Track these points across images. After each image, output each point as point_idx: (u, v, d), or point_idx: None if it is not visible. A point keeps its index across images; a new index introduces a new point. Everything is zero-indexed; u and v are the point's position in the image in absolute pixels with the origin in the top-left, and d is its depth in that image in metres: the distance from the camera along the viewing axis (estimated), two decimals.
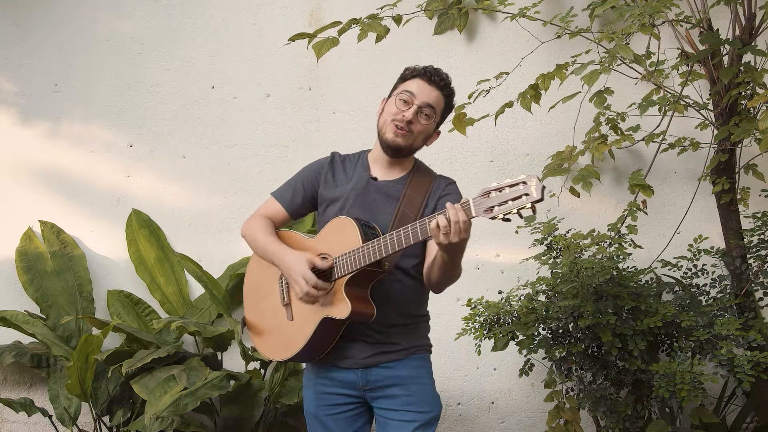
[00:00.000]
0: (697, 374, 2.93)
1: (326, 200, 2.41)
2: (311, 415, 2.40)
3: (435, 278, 2.25)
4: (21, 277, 3.66)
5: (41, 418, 3.51)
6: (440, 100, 2.35)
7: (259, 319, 2.45)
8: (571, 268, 3.12)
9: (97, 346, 3.12)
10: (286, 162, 3.82)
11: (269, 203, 2.48)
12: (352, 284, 2.21)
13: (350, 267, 2.19)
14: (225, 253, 3.77)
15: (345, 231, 2.24)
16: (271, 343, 2.41)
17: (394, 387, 2.32)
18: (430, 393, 2.36)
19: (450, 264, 2.18)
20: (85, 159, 3.82)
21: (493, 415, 3.77)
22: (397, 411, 2.31)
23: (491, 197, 1.96)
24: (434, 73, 2.34)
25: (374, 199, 2.35)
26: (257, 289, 2.47)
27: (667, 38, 3.57)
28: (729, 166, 3.37)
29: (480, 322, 3.26)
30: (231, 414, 3.42)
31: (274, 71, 3.85)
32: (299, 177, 2.48)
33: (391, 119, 2.32)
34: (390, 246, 2.13)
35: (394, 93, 2.36)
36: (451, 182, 2.43)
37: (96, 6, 3.87)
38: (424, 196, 2.35)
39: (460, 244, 2.05)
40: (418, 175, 2.39)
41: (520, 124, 3.82)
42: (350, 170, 2.43)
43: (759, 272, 3.27)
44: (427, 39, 3.81)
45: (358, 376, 2.33)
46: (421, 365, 2.37)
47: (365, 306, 2.23)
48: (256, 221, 2.45)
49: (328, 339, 2.29)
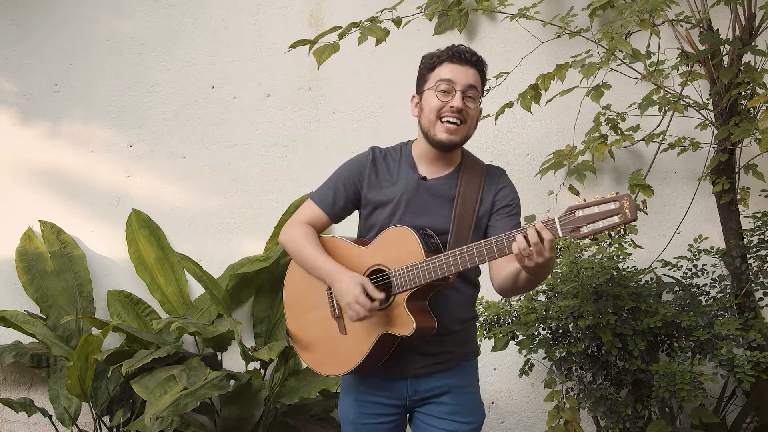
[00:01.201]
0: (697, 374, 2.93)
1: (372, 203, 2.24)
2: (348, 421, 2.28)
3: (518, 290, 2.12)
4: (21, 277, 3.66)
5: (41, 418, 3.51)
6: (477, 77, 2.18)
7: (305, 332, 2.29)
8: (571, 268, 3.12)
9: (97, 346, 3.12)
10: (286, 162, 3.82)
11: (309, 207, 2.30)
12: (414, 298, 2.08)
13: (414, 281, 2.06)
14: (225, 253, 3.77)
15: (404, 242, 2.09)
16: (322, 359, 2.26)
17: (443, 395, 2.22)
18: (476, 402, 2.27)
19: (537, 281, 2.05)
20: (85, 159, 3.82)
21: (493, 415, 3.77)
22: (441, 419, 2.22)
23: (577, 216, 1.84)
24: (462, 51, 2.16)
25: (427, 201, 2.20)
26: (301, 299, 2.32)
27: (667, 38, 3.57)
28: (729, 166, 3.37)
29: (480, 322, 3.26)
30: (231, 414, 3.41)
31: (274, 71, 3.85)
32: (339, 178, 2.28)
33: (437, 116, 2.14)
34: (461, 262, 2.00)
35: (428, 86, 2.18)
36: (502, 173, 2.29)
37: (96, 6, 3.87)
38: (478, 191, 2.20)
39: (546, 264, 1.90)
40: (468, 169, 2.23)
41: (520, 124, 3.82)
42: (395, 169, 2.25)
43: (759, 272, 3.27)
44: (427, 39, 3.81)
45: (407, 386, 2.22)
46: (471, 372, 2.29)
47: (428, 320, 2.10)
48: (296, 229, 2.27)
49: (384, 353, 2.17)
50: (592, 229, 1.82)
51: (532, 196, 3.76)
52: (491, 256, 1.96)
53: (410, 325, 2.06)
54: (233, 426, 3.40)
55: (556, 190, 3.71)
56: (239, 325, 3.18)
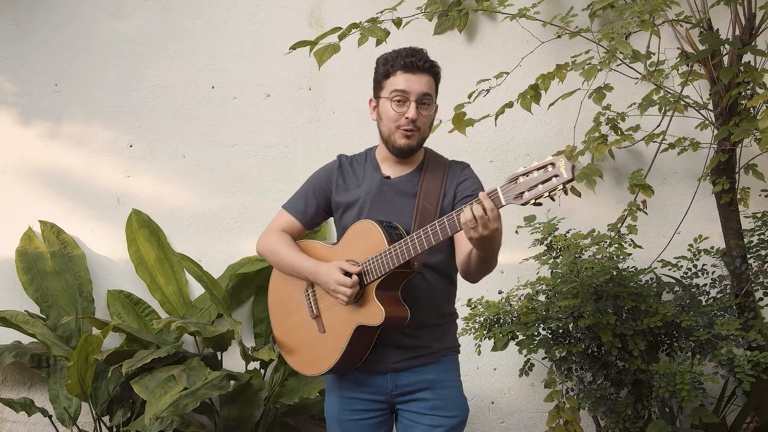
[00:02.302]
0: (697, 374, 2.93)
1: (342, 206, 2.34)
2: (333, 419, 2.34)
3: (472, 270, 2.18)
4: (21, 277, 3.66)
5: (41, 418, 3.51)
6: (431, 82, 2.25)
7: (288, 335, 2.39)
8: (571, 268, 3.12)
9: (97, 346, 3.11)
10: (286, 162, 3.82)
11: (282, 216, 2.41)
12: (383, 288, 2.15)
13: (379, 271, 2.14)
14: (225, 253, 3.77)
15: (368, 235, 2.18)
16: (304, 359, 2.34)
17: (423, 391, 2.27)
18: (458, 396, 2.32)
19: (487, 256, 2.11)
20: (85, 159, 3.82)
21: (493, 415, 3.77)
22: (424, 415, 2.26)
23: (519, 183, 1.91)
24: (415, 60, 2.22)
25: (391, 198, 2.28)
26: (283, 305, 2.41)
27: (667, 38, 3.57)
28: (729, 166, 3.37)
29: (480, 322, 3.26)
30: (231, 414, 3.41)
31: (274, 71, 3.85)
32: (309, 186, 2.40)
33: (395, 125, 2.23)
34: (419, 245, 2.07)
35: (383, 95, 2.26)
36: (465, 166, 2.36)
37: (96, 6, 3.86)
38: (441, 185, 2.28)
39: (491, 236, 1.97)
40: (430, 165, 2.31)
41: (520, 124, 3.82)
42: (360, 172, 2.35)
43: (759, 272, 3.27)
44: (427, 39, 3.81)
45: (387, 381, 2.27)
46: (451, 368, 2.33)
47: (398, 309, 2.16)
48: (272, 236, 2.38)
49: (363, 348, 2.22)
50: (533, 194, 1.88)
51: None
52: (444, 233, 2.04)
53: (380, 314, 2.13)
54: (233, 426, 3.40)
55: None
56: (239, 325, 3.18)
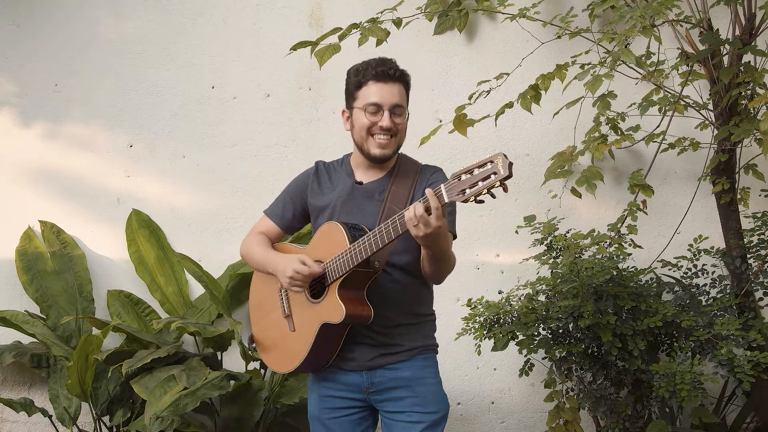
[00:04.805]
0: (697, 374, 2.93)
1: (316, 210, 2.41)
2: (315, 418, 2.39)
3: (428, 270, 2.24)
4: (21, 277, 3.66)
5: (41, 418, 3.51)
6: (402, 91, 2.31)
7: (264, 334, 2.46)
8: (571, 268, 3.12)
9: (97, 346, 3.12)
10: (286, 162, 3.82)
11: (262, 221, 2.52)
12: (347, 287, 2.20)
13: (341, 270, 2.19)
14: (225, 253, 3.77)
15: (332, 235, 2.24)
16: (276, 357, 2.41)
17: (399, 389, 2.30)
18: (436, 393, 2.33)
19: (436, 255, 2.15)
20: (85, 159, 3.82)
21: (493, 415, 3.77)
22: (403, 413, 2.29)
23: (462, 180, 1.94)
24: (385, 69, 2.29)
25: (360, 202, 2.34)
26: (260, 305, 2.49)
27: (667, 38, 3.57)
28: (729, 166, 3.37)
29: (480, 322, 3.26)
30: (231, 414, 3.41)
31: (274, 71, 3.85)
32: (287, 191, 2.51)
33: (368, 132, 2.29)
34: (375, 243, 2.11)
35: (357, 105, 2.31)
36: (436, 170, 2.39)
37: (96, 6, 3.86)
38: (410, 188, 2.32)
39: (434, 234, 2.02)
40: (401, 170, 2.36)
41: (520, 125, 3.82)
42: (335, 178, 2.43)
43: (759, 272, 3.27)
44: (426, 39, 3.81)
45: (362, 379, 2.31)
46: (426, 365, 2.34)
47: (361, 308, 2.20)
48: (251, 238, 2.49)
49: (331, 346, 2.28)
50: (474, 191, 1.92)
51: (531, 197, 3.76)
52: (396, 231, 2.08)
53: (341, 311, 2.17)
54: (233, 426, 3.40)
55: (557, 191, 3.71)
56: (239, 325, 3.18)
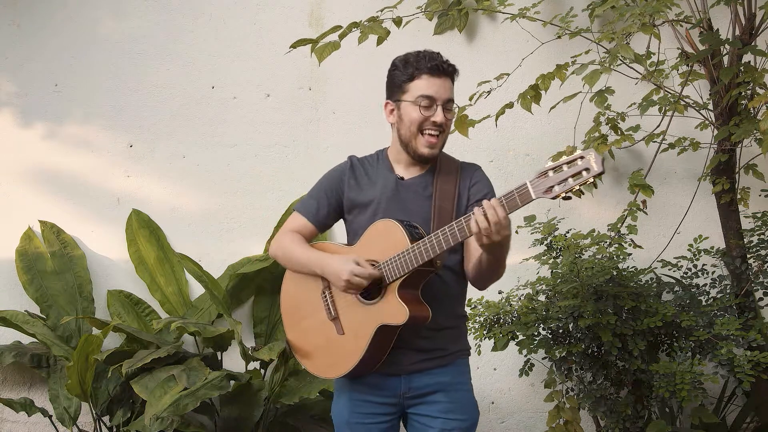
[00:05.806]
0: (697, 374, 2.93)
1: (355, 207, 2.31)
2: (343, 422, 2.30)
3: (483, 274, 2.18)
4: (21, 277, 3.66)
5: (41, 418, 3.51)
6: (452, 86, 2.25)
7: (305, 340, 2.33)
8: (571, 268, 3.12)
9: (97, 346, 3.11)
10: (286, 162, 3.82)
11: (294, 218, 2.37)
12: (405, 287, 2.13)
13: (402, 269, 2.11)
14: (225, 253, 3.77)
15: (389, 234, 2.16)
16: (322, 362, 2.29)
17: (435, 393, 2.25)
18: (470, 400, 2.31)
19: (498, 259, 2.11)
20: (85, 159, 3.82)
21: (493, 415, 3.77)
22: (437, 418, 2.24)
23: (549, 177, 1.92)
24: (440, 63, 2.22)
25: (407, 198, 2.26)
26: (297, 308, 2.36)
27: (667, 38, 3.57)
28: (729, 166, 3.37)
29: (480, 322, 3.26)
30: (231, 414, 3.41)
31: (274, 71, 3.85)
32: (321, 187, 2.36)
33: (418, 129, 2.21)
34: (442, 242, 2.06)
35: (407, 98, 2.23)
36: (477, 168, 2.35)
37: (96, 6, 3.86)
38: (455, 186, 2.27)
39: (502, 242, 1.99)
40: (443, 167, 2.30)
41: (520, 124, 3.82)
42: (373, 173, 2.33)
43: (759, 272, 3.27)
44: (427, 39, 3.81)
45: (400, 383, 2.25)
46: (464, 371, 2.32)
47: (420, 308, 2.15)
48: (285, 237, 2.35)
49: (384, 348, 2.19)
50: (564, 188, 1.91)
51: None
52: (463, 234, 2.04)
53: (404, 313, 2.10)
54: (233, 426, 3.40)
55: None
56: (239, 325, 3.18)
